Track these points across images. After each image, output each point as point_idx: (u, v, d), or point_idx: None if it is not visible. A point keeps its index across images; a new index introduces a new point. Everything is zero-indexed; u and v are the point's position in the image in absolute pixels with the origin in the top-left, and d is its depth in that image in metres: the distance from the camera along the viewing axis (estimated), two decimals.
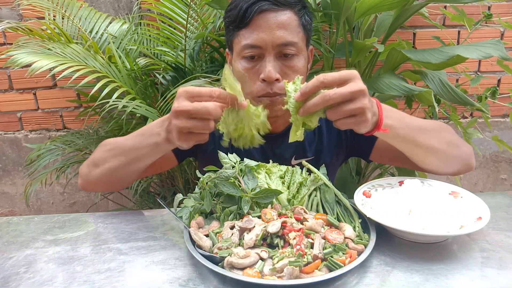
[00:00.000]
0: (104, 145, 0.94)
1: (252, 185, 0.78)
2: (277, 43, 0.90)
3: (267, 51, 0.91)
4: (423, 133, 0.84)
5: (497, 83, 2.08)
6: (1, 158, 2.13)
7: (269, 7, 0.89)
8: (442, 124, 0.94)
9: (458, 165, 0.89)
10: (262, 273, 0.61)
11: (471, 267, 0.66)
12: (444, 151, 0.87)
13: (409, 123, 0.83)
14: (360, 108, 0.65)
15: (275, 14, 0.90)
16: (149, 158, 0.86)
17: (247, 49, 0.91)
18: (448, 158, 0.87)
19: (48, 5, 1.54)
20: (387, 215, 0.78)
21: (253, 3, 0.89)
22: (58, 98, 2.00)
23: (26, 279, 0.65)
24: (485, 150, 2.21)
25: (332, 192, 0.81)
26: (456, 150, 0.90)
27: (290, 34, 0.90)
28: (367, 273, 0.64)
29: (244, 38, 0.92)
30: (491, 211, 0.73)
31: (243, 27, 0.91)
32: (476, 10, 1.89)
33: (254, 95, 0.94)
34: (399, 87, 1.10)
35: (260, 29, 0.90)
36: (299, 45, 0.92)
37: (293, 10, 0.92)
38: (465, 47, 1.10)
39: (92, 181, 0.93)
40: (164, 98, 1.40)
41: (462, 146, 0.92)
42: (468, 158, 0.93)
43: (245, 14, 0.89)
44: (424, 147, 0.84)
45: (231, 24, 0.94)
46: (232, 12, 0.93)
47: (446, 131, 0.91)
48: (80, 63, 1.33)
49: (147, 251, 0.72)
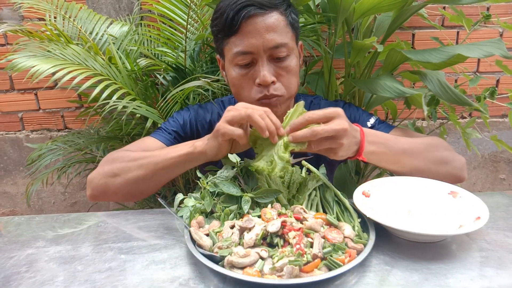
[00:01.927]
0: (119, 157, 0.92)
1: (252, 185, 0.79)
2: (269, 46, 0.90)
3: (260, 56, 0.91)
4: (408, 155, 0.88)
5: (496, 83, 2.09)
6: (3, 158, 2.13)
7: (256, 11, 0.89)
8: (432, 141, 0.94)
9: (446, 180, 0.86)
10: (262, 272, 0.61)
11: (470, 267, 0.66)
12: (430, 171, 0.89)
13: (393, 148, 0.86)
14: (339, 143, 0.74)
15: (262, 17, 0.90)
16: (177, 169, 0.87)
17: (239, 56, 0.92)
18: (435, 176, 0.87)
19: (48, 7, 1.54)
20: (387, 215, 0.79)
21: (239, 9, 0.89)
22: (59, 99, 2.01)
23: (27, 279, 0.65)
24: (483, 150, 2.21)
25: (331, 192, 0.81)
26: (444, 167, 0.90)
27: (280, 36, 0.91)
28: (366, 272, 0.65)
29: (235, 45, 0.92)
30: (490, 210, 0.73)
31: (232, 35, 0.91)
32: (475, 11, 1.90)
33: (252, 99, 0.95)
34: (392, 89, 1.10)
35: (249, 35, 0.90)
36: (289, 45, 0.93)
37: (279, 10, 0.92)
38: (465, 46, 1.10)
39: (110, 191, 0.90)
40: (164, 98, 1.40)
41: (452, 161, 0.92)
42: (458, 172, 0.92)
43: (233, 22, 0.89)
44: (408, 168, 0.89)
45: (219, 32, 0.94)
46: (219, 20, 0.93)
47: (434, 149, 0.91)
48: (80, 65, 1.33)
49: (148, 250, 0.73)
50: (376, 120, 1.05)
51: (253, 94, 0.94)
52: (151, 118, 1.36)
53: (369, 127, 1.02)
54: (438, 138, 0.99)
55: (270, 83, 0.92)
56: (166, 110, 1.40)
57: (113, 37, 1.59)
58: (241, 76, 0.94)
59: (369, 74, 1.43)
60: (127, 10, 1.84)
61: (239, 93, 0.98)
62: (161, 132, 1.03)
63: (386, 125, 1.04)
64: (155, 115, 1.38)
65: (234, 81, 0.96)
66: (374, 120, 1.05)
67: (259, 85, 0.93)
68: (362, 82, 1.26)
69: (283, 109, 0.98)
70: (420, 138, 0.95)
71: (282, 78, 0.94)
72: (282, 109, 0.98)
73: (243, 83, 0.95)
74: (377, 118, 1.06)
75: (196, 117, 1.07)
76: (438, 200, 0.82)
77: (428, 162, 0.89)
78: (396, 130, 1.02)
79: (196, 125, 1.07)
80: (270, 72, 0.92)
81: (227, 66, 0.98)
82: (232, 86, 0.98)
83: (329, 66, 1.47)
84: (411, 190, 0.85)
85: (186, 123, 1.06)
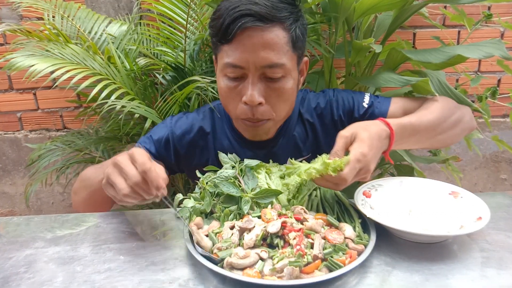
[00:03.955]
0: (81, 175, 0.96)
1: (252, 185, 0.78)
2: (261, 65, 0.82)
3: (250, 72, 0.83)
4: (430, 132, 0.90)
5: (497, 83, 2.08)
6: (1, 158, 2.13)
7: (254, 24, 0.79)
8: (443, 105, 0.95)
9: (463, 134, 0.99)
10: (262, 273, 0.61)
11: (471, 267, 0.66)
12: (448, 135, 0.94)
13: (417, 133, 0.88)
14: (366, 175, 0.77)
15: (260, 32, 0.81)
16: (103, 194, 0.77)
17: (229, 68, 0.84)
18: (451, 137, 0.95)
19: (47, 6, 1.54)
20: (387, 215, 0.78)
21: (236, 18, 0.79)
22: (58, 98, 2.00)
23: (26, 279, 0.65)
24: (485, 150, 2.21)
25: (332, 192, 0.81)
26: (459, 126, 0.96)
27: (277, 55, 0.82)
28: (367, 273, 0.64)
29: (227, 55, 0.84)
30: (491, 211, 0.73)
31: (225, 43, 0.83)
32: (476, 10, 1.89)
33: (236, 116, 0.90)
34: (397, 79, 1.10)
35: (243, 48, 0.81)
36: (287, 66, 0.84)
37: (282, 25, 0.82)
38: (465, 46, 1.10)
39: (80, 208, 0.96)
40: (163, 99, 1.40)
41: (463, 117, 0.97)
42: (470, 125, 1.00)
43: (227, 30, 0.81)
44: (429, 144, 0.94)
45: (214, 36, 0.87)
46: (215, 23, 0.85)
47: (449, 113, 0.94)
48: (79, 65, 1.32)
49: (147, 251, 0.72)
50: (371, 98, 1.00)
51: (238, 112, 0.88)
52: (150, 118, 1.35)
53: (366, 108, 0.99)
54: (443, 98, 0.99)
55: (256, 104, 0.85)
56: (165, 110, 1.39)
57: (112, 36, 1.58)
58: (229, 89, 0.87)
59: (370, 73, 1.43)
60: (126, 9, 1.83)
61: (226, 105, 0.93)
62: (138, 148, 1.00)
63: (383, 99, 1.00)
64: (153, 115, 1.37)
65: (222, 92, 0.90)
66: (369, 99, 1.00)
67: (245, 103, 0.86)
68: (365, 78, 1.26)
69: (272, 131, 0.95)
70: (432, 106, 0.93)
71: (271, 100, 0.86)
72: (270, 131, 0.95)
73: (230, 96, 0.88)
74: (370, 95, 1.02)
75: (173, 130, 1.02)
76: (439, 201, 0.81)
77: (447, 129, 0.93)
78: (396, 100, 1.00)
79: (174, 142, 1.01)
80: (259, 92, 0.84)
81: (217, 74, 0.91)
82: (220, 95, 0.93)
83: (330, 65, 1.46)
84: (412, 191, 0.84)
85: (161, 140, 1.01)
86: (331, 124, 1.02)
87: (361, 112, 0.99)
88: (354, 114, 1.00)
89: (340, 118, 1.01)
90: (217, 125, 1.03)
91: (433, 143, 0.95)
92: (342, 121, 1.01)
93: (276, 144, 1.00)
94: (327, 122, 1.02)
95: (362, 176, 0.76)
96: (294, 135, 1.02)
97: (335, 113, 1.01)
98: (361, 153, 0.73)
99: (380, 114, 0.97)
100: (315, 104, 1.03)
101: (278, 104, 0.88)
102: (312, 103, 1.03)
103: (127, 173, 0.67)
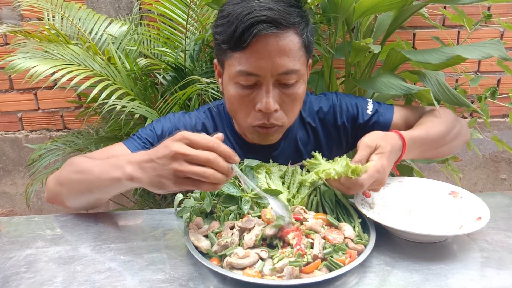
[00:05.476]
0: (71, 164, 0.85)
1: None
2: (278, 72, 0.80)
3: (265, 80, 0.81)
4: (435, 144, 0.94)
5: (497, 83, 2.08)
6: (2, 158, 2.13)
7: (270, 31, 0.77)
8: (446, 117, 0.97)
9: (460, 145, 1.03)
10: (262, 273, 0.61)
11: (470, 267, 0.66)
12: (449, 147, 0.98)
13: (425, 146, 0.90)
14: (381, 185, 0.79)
15: (276, 38, 0.78)
16: (112, 191, 0.77)
17: (242, 75, 0.81)
18: (450, 148, 0.99)
19: (47, 6, 1.54)
20: (387, 215, 0.78)
21: (251, 25, 0.76)
22: (58, 98, 2.00)
23: (27, 279, 0.65)
24: (484, 150, 2.21)
25: (331, 192, 0.81)
26: (459, 138, 1.00)
27: (292, 61, 0.81)
28: (367, 273, 0.64)
29: (239, 63, 0.80)
30: (490, 211, 0.73)
31: (238, 50, 0.80)
32: (475, 11, 1.89)
33: (247, 124, 0.87)
34: (398, 86, 1.09)
35: (258, 55, 0.79)
36: (301, 71, 0.83)
37: (295, 30, 0.81)
38: (464, 47, 1.10)
39: (59, 200, 0.87)
40: (163, 99, 1.40)
41: (461, 129, 1.00)
42: (467, 137, 1.05)
43: (242, 37, 0.77)
44: (431, 155, 0.97)
45: (223, 43, 0.82)
46: (224, 29, 0.81)
47: (452, 127, 0.97)
48: (79, 65, 1.33)
49: (147, 250, 0.72)
50: (374, 105, 1.01)
51: (250, 120, 0.86)
52: (150, 118, 1.36)
53: (371, 115, 0.99)
54: (443, 110, 1.00)
55: (272, 111, 0.83)
56: (165, 110, 1.39)
57: (112, 36, 1.59)
58: (241, 97, 0.84)
59: (370, 73, 1.43)
60: (126, 9, 1.83)
61: (235, 113, 0.90)
62: (135, 139, 0.95)
63: (386, 107, 1.01)
64: (154, 115, 1.37)
65: (232, 100, 0.86)
66: (372, 106, 1.01)
67: (259, 111, 0.84)
68: (365, 81, 1.25)
69: (279, 137, 0.96)
70: (435, 119, 0.95)
71: (285, 106, 0.85)
72: (278, 138, 0.95)
73: (241, 105, 0.85)
74: (373, 101, 1.02)
75: (177, 126, 0.99)
76: (439, 200, 0.82)
77: (449, 141, 0.96)
78: (398, 109, 1.01)
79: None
80: (275, 99, 0.82)
81: (226, 81, 0.87)
82: (229, 103, 0.89)
83: (330, 65, 1.46)
84: (412, 191, 0.85)
85: (164, 134, 0.97)
86: (334, 129, 1.02)
87: (365, 119, 1.00)
88: (358, 120, 1.01)
89: (343, 124, 1.01)
90: (218, 125, 1.03)
91: (434, 154, 0.98)
92: (346, 127, 1.01)
93: (278, 148, 1.00)
94: (329, 127, 1.02)
95: (375, 187, 0.77)
96: (296, 138, 1.02)
97: (339, 119, 1.01)
98: (382, 165, 0.75)
99: (384, 122, 0.99)
100: (317, 108, 1.02)
101: (292, 109, 0.87)
102: (314, 106, 1.03)
103: (199, 158, 0.62)
